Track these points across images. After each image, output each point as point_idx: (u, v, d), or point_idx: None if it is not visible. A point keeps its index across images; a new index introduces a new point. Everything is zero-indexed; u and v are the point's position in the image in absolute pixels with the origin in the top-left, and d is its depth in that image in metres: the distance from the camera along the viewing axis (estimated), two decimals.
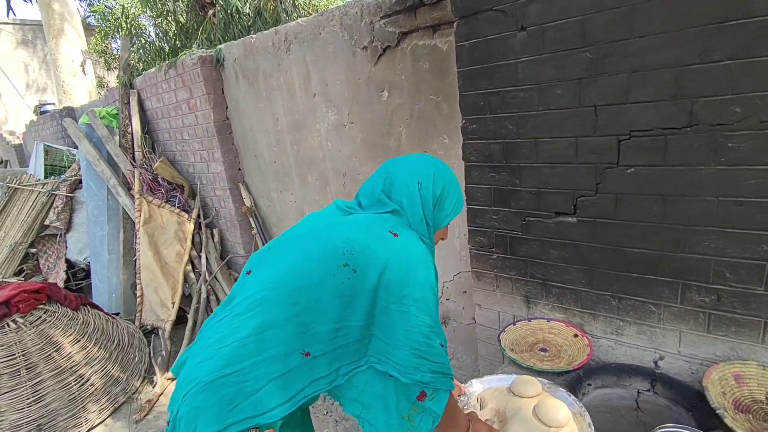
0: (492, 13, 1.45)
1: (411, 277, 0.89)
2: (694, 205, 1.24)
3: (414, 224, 1.01)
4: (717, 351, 1.31)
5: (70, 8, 7.76)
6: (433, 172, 1.04)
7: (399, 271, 0.89)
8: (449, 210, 1.07)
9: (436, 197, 1.03)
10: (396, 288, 0.89)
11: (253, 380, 0.84)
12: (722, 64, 1.10)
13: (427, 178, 1.03)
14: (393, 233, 0.94)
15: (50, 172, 4.05)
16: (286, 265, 0.94)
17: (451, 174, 1.09)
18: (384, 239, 0.92)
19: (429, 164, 1.06)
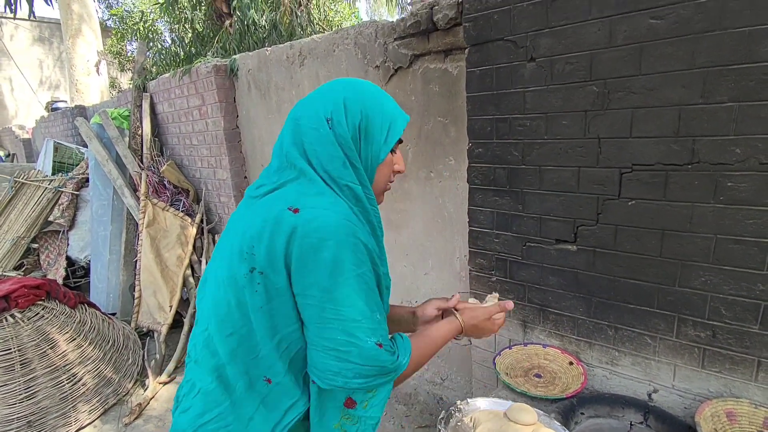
0: (503, 42, 1.49)
1: (315, 260, 0.72)
2: (692, 241, 1.26)
3: (336, 174, 0.81)
4: (710, 387, 1.32)
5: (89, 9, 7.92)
6: (343, 100, 0.83)
7: (300, 255, 0.72)
8: (381, 137, 0.84)
9: (355, 129, 0.82)
10: (300, 277, 0.73)
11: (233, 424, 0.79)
12: (725, 105, 1.14)
13: (337, 110, 0.82)
14: (292, 209, 0.75)
15: (58, 168, 4.10)
16: (211, 291, 0.83)
17: (369, 92, 0.86)
18: (281, 222, 0.74)
19: (337, 92, 0.84)
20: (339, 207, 0.77)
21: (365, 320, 0.74)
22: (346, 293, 0.73)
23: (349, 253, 0.73)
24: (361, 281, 0.75)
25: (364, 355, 0.73)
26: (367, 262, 0.77)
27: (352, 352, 0.73)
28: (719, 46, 1.12)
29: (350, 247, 0.74)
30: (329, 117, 0.81)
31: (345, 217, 0.75)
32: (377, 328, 0.76)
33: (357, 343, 0.73)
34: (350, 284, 0.73)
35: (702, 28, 1.14)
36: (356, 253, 0.74)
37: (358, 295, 0.74)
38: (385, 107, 0.86)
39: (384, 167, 0.88)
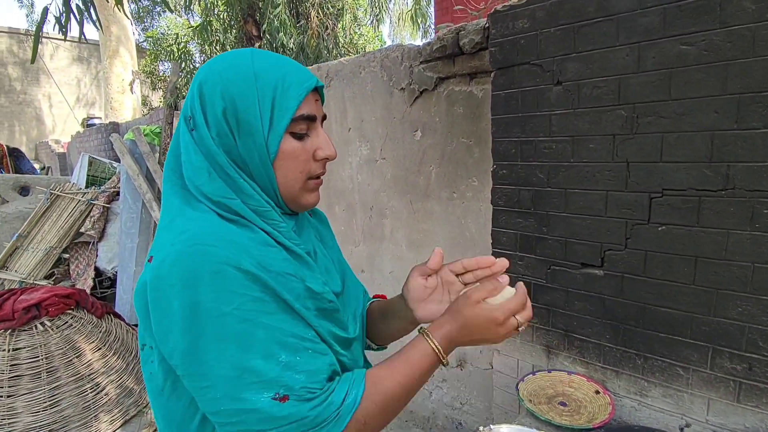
0: (529, 66, 1.51)
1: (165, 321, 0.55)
2: (728, 269, 1.22)
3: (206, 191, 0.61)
4: (747, 422, 1.26)
5: (127, 32, 8.34)
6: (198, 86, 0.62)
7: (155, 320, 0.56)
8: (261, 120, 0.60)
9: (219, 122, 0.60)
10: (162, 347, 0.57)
11: None
12: (759, 131, 1.12)
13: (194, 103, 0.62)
14: (149, 260, 0.58)
15: (91, 182, 4.26)
16: None
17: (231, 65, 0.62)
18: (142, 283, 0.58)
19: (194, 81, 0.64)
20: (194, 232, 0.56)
21: (247, 373, 0.53)
22: (208, 346, 0.53)
23: (202, 289, 0.53)
24: (230, 322, 0.53)
25: (260, 419, 0.53)
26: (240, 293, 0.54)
27: (245, 420, 0.53)
28: (751, 72, 1.11)
29: (203, 281, 0.53)
30: (189, 115, 0.62)
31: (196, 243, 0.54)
32: (276, 377, 0.54)
33: (244, 407, 0.53)
34: (211, 332, 0.53)
35: (733, 55, 1.13)
36: (215, 286, 0.53)
37: (226, 342, 0.53)
38: (261, 76, 0.60)
39: (287, 161, 0.63)
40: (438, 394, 2.39)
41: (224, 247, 0.55)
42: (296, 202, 0.67)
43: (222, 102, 0.60)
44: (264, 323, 0.55)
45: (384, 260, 2.55)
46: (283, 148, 0.62)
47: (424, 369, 0.63)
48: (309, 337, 0.60)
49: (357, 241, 2.71)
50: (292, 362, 0.56)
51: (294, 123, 0.62)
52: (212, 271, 0.53)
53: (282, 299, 0.58)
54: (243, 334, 0.54)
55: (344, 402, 0.57)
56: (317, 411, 0.55)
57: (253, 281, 0.55)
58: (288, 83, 0.61)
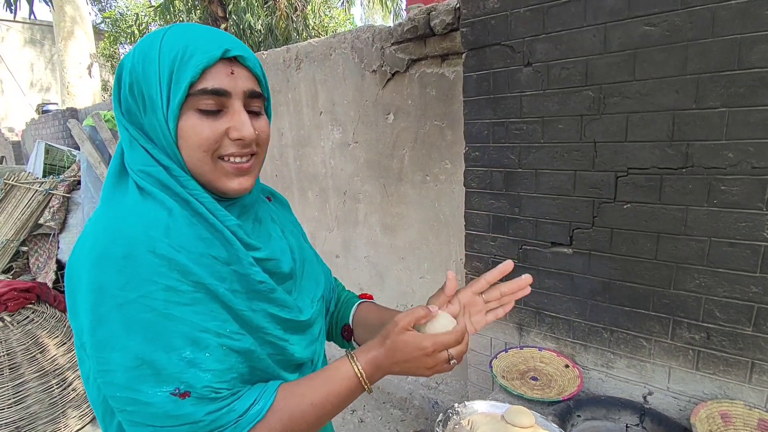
0: (500, 47, 1.51)
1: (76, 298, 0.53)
2: (686, 244, 1.28)
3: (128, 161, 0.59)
4: (705, 389, 1.33)
5: (81, 12, 7.88)
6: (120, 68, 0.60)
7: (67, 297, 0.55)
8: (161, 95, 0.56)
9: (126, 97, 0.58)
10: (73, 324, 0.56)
11: None
12: (717, 110, 1.16)
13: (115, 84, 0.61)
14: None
15: (49, 171, 4.05)
16: None
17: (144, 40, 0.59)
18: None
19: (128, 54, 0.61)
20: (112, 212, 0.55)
21: (145, 365, 0.50)
22: (111, 332, 0.50)
23: (109, 271, 0.50)
24: (135, 310, 0.50)
25: (152, 413, 0.51)
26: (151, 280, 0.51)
27: (137, 411, 0.51)
28: (710, 52, 1.15)
29: (112, 263, 0.50)
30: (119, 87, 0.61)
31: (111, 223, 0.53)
32: (176, 372, 0.51)
33: (138, 398, 0.50)
34: (115, 318, 0.50)
35: (694, 35, 1.16)
36: (124, 270, 0.50)
37: (129, 331, 0.50)
38: (164, 50, 0.55)
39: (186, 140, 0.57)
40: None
41: (140, 227, 0.52)
42: (213, 186, 0.60)
43: (129, 78, 0.57)
44: (172, 315, 0.52)
45: (359, 245, 2.55)
46: (182, 125, 0.56)
47: (342, 393, 0.60)
48: (226, 332, 0.56)
49: (331, 226, 2.70)
50: (198, 359, 0.53)
51: (196, 98, 0.55)
52: (123, 254, 0.50)
53: (203, 284, 0.54)
54: (147, 324, 0.51)
55: (248, 411, 0.54)
56: (214, 416, 0.52)
57: (169, 267, 0.52)
58: (190, 53, 0.55)
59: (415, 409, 2.34)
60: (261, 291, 0.62)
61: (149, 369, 0.51)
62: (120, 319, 0.50)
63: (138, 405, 0.51)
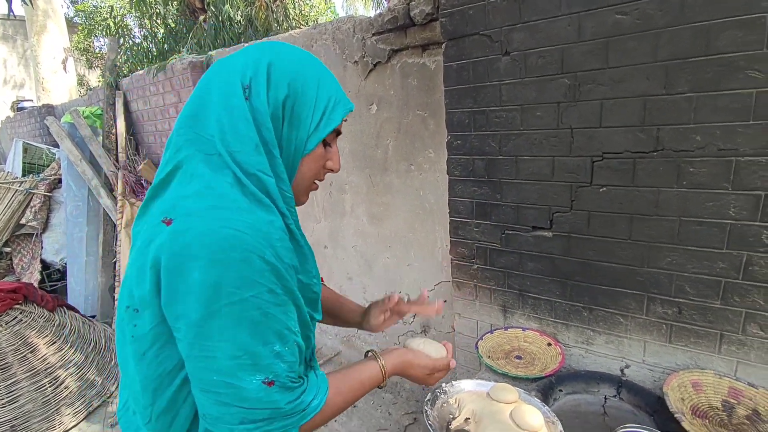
0: (479, 37, 1.54)
1: (183, 286, 0.57)
2: (658, 224, 1.34)
3: (242, 157, 0.63)
4: (678, 360, 1.41)
5: (53, 5, 7.65)
6: (267, 65, 0.65)
7: (167, 282, 0.58)
8: (311, 121, 0.67)
9: (278, 106, 0.64)
10: (168, 308, 0.59)
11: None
12: (685, 96, 1.21)
13: (258, 77, 0.64)
14: (166, 221, 0.60)
15: (28, 170, 3.98)
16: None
17: (304, 63, 0.68)
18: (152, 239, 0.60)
19: (262, 54, 0.66)
20: (224, 212, 0.59)
21: (247, 356, 0.58)
22: (221, 325, 0.57)
23: (228, 273, 0.57)
24: (246, 308, 0.58)
25: (245, 397, 0.59)
26: (260, 283, 0.59)
27: (230, 394, 0.58)
28: (679, 40, 1.19)
29: (231, 266, 0.57)
30: (247, 84, 0.63)
31: (227, 225, 0.58)
32: (269, 363, 0.60)
33: (235, 383, 0.58)
34: (227, 313, 0.57)
35: (664, 23, 1.21)
36: (241, 273, 0.57)
37: (238, 325, 0.58)
38: (323, 85, 0.68)
39: (311, 161, 0.70)
40: None
41: (253, 235, 0.59)
42: (297, 197, 0.73)
43: (286, 90, 0.65)
44: (271, 313, 0.61)
45: (346, 235, 2.58)
46: (315, 149, 0.70)
47: (367, 389, 0.78)
48: (295, 330, 0.66)
49: (318, 218, 2.72)
50: (282, 352, 0.62)
51: (330, 134, 0.71)
52: (240, 258, 0.57)
53: (290, 289, 0.64)
54: (253, 320, 0.59)
55: (311, 404, 0.66)
56: (292, 405, 0.63)
57: (272, 273, 0.60)
58: (338, 99, 0.70)
59: (406, 392, 2.41)
60: (313, 299, 0.77)
61: (249, 359, 0.59)
62: (232, 314, 0.58)
63: (233, 389, 0.59)
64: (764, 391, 1.27)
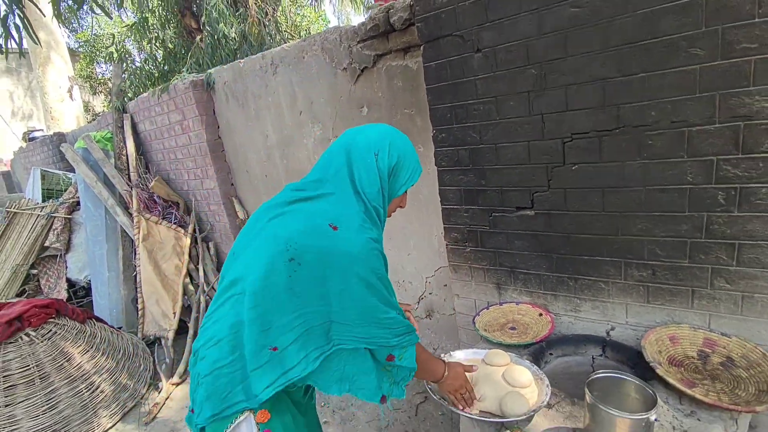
0: (452, 37, 1.68)
1: (352, 269, 0.96)
2: (627, 195, 1.46)
3: (370, 196, 1.06)
4: (657, 318, 1.53)
5: (56, 36, 7.92)
6: (389, 142, 1.07)
7: (340, 264, 0.95)
8: (404, 179, 1.12)
9: (391, 168, 1.07)
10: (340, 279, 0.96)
11: (240, 371, 0.98)
12: (637, 76, 1.34)
13: (383, 149, 1.06)
14: (333, 226, 0.97)
15: (47, 195, 4.20)
16: (246, 266, 1.01)
17: (406, 143, 1.13)
18: (323, 233, 0.97)
19: (385, 135, 1.09)
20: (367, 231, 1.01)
21: (387, 303, 1.02)
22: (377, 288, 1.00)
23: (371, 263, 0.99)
24: (384, 282, 1.02)
25: (395, 321, 1.03)
26: (382, 268, 1.02)
27: (389, 321, 1.02)
28: (628, 27, 1.32)
29: (373, 259, 0.99)
30: (377, 152, 1.06)
31: (371, 237, 1.00)
32: (395, 304, 1.05)
33: (389, 315, 1.02)
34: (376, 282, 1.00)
35: (613, 12, 1.34)
36: (379, 263, 1.01)
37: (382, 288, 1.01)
38: (413, 158, 1.14)
39: (396, 201, 1.17)
40: None
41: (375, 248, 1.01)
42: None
43: (396, 160, 1.09)
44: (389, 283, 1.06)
45: None
46: (401, 194, 1.15)
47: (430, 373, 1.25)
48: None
49: None
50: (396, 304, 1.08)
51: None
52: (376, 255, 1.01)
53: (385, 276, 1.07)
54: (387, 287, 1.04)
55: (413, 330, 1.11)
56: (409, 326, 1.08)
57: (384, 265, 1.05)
58: (418, 166, 1.16)
59: None
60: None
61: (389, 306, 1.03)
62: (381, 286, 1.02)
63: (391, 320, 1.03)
64: (737, 339, 1.39)
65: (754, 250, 1.30)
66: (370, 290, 0.98)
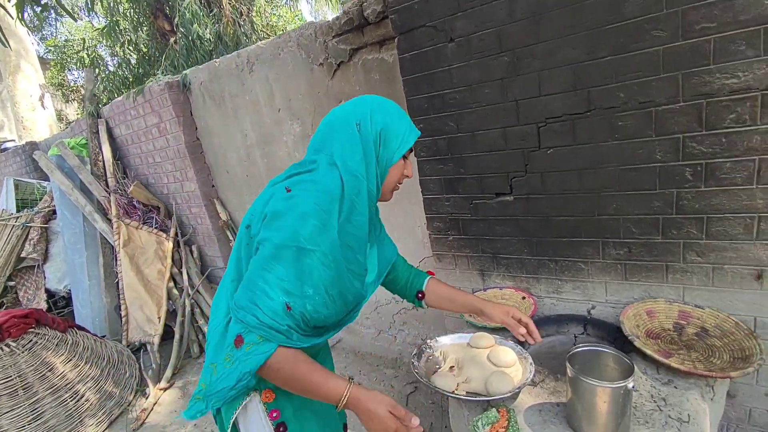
0: (425, 28, 1.70)
1: (277, 222, 0.91)
2: (601, 175, 1.50)
3: (352, 165, 0.99)
4: (635, 294, 1.58)
5: (25, 44, 7.71)
6: (370, 110, 1.03)
7: (271, 219, 0.93)
8: (396, 144, 1.04)
9: (376, 134, 1.02)
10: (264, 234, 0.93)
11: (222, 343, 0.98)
12: (606, 59, 1.38)
13: (364, 119, 1.02)
14: (287, 189, 0.97)
15: (22, 205, 4.09)
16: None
17: (391, 107, 1.07)
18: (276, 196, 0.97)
19: (366, 105, 1.05)
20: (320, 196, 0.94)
21: (287, 283, 0.88)
22: (288, 256, 0.89)
23: (306, 228, 0.89)
24: (306, 255, 0.90)
25: (270, 306, 0.87)
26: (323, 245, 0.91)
27: (262, 300, 0.87)
28: (595, 10, 1.36)
29: (310, 225, 0.90)
30: (358, 122, 1.02)
31: (319, 205, 0.92)
32: (296, 295, 0.89)
33: (270, 295, 0.87)
34: (296, 253, 0.89)
35: None
36: (315, 234, 0.90)
37: (297, 262, 0.89)
38: (401, 122, 1.06)
39: (395, 170, 1.08)
40: (401, 336, 2.65)
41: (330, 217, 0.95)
42: (384, 195, 1.11)
43: (381, 124, 1.02)
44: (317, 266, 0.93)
45: None
46: (397, 162, 1.07)
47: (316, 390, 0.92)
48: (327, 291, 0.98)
49: None
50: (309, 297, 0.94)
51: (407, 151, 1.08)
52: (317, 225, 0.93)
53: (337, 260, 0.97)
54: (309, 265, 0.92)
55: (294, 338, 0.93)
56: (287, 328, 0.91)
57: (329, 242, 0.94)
58: (410, 129, 1.07)
59: (405, 367, 2.57)
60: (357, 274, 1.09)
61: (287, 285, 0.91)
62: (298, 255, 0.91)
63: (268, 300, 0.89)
64: (710, 310, 1.44)
65: (722, 223, 1.35)
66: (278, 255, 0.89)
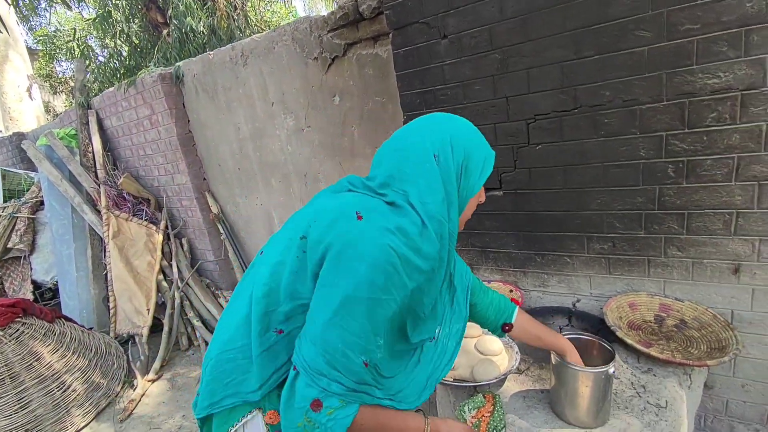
0: (419, 25, 1.73)
1: (347, 263, 0.76)
2: (586, 171, 1.55)
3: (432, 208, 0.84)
4: (618, 288, 1.63)
5: (14, 34, 7.59)
6: (449, 138, 0.87)
7: (339, 255, 0.77)
8: (477, 173, 0.91)
9: (459, 167, 0.87)
10: (330, 275, 0.77)
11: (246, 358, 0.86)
12: (592, 58, 1.42)
13: (444, 148, 0.86)
14: (359, 214, 0.80)
15: (8, 196, 4.04)
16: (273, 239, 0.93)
17: (468, 130, 0.92)
18: (342, 218, 0.80)
19: (443, 129, 0.89)
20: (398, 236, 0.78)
21: (364, 339, 0.77)
22: (361, 310, 0.76)
23: (381, 276, 0.75)
24: (379, 305, 0.77)
25: (351, 369, 0.77)
26: (393, 293, 0.78)
27: (342, 362, 0.76)
28: (582, 11, 1.40)
29: (384, 273, 0.76)
30: (436, 154, 0.85)
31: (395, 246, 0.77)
32: (372, 349, 0.79)
33: (349, 356, 0.76)
34: (368, 303, 0.76)
35: None
36: (388, 281, 0.76)
37: (371, 315, 0.77)
38: (482, 145, 0.93)
39: (474, 199, 0.96)
40: None
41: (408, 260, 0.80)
42: (461, 225, 0.96)
43: (463, 154, 0.87)
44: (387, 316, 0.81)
45: None
46: (478, 192, 0.95)
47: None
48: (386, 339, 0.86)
49: (297, 207, 2.88)
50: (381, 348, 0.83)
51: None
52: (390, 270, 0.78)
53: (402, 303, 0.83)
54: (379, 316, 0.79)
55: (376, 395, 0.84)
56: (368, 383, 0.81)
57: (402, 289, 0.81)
58: (490, 152, 0.95)
59: None
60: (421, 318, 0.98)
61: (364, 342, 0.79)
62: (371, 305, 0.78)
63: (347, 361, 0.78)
64: (689, 303, 1.49)
65: (702, 219, 1.40)
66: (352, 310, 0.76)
